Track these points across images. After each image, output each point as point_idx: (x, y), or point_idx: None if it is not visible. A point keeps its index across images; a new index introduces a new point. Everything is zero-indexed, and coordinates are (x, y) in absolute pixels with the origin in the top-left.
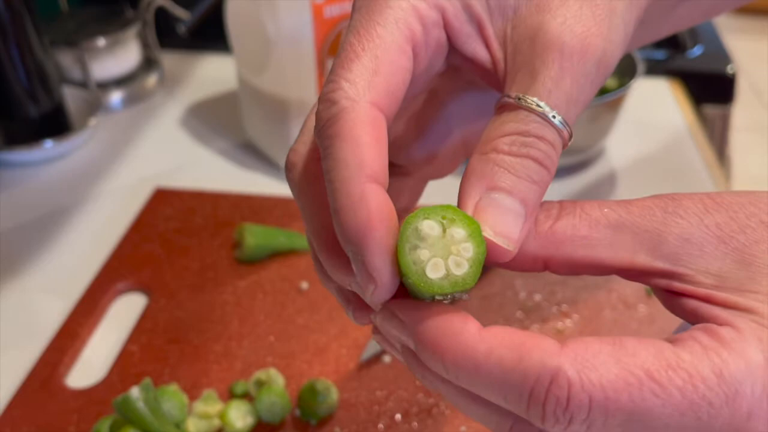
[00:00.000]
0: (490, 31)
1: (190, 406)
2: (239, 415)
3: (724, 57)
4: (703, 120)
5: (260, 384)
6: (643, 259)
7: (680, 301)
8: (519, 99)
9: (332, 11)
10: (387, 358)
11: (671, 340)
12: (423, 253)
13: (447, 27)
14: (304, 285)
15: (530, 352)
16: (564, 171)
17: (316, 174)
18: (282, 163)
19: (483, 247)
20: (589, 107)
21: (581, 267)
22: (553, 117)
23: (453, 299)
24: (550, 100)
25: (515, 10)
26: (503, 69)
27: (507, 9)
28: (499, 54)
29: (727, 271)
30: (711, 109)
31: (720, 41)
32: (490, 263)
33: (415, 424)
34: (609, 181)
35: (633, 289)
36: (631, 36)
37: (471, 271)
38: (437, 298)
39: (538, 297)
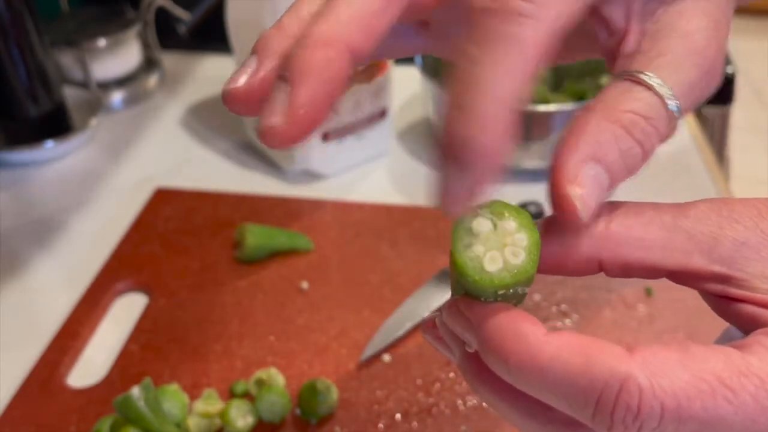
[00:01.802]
0: (636, 7)
1: (191, 406)
2: (240, 414)
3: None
4: (703, 120)
5: (260, 383)
6: (698, 263)
7: (735, 307)
8: (649, 78)
9: None
10: (387, 358)
11: (735, 347)
12: (478, 249)
13: None
14: (305, 285)
15: (598, 358)
16: None
17: None
18: (282, 163)
19: (537, 235)
20: None
21: (634, 269)
22: (673, 105)
23: (516, 295)
24: (675, 84)
25: (652, 7)
26: (632, 44)
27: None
28: (635, 27)
29: None
30: (710, 110)
31: None
32: (543, 269)
33: (415, 423)
34: None
35: (632, 289)
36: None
37: (529, 259)
38: (500, 295)
39: (537, 297)
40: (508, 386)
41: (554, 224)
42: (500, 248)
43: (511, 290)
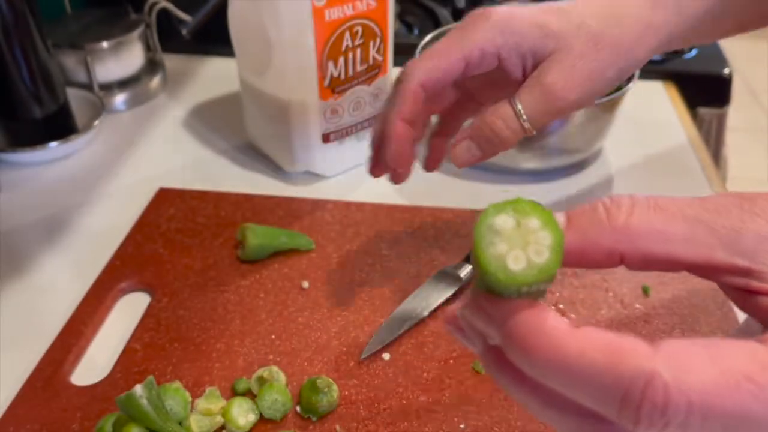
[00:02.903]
0: (526, 63)
1: (193, 404)
2: (241, 412)
3: (720, 59)
4: (700, 121)
5: (262, 381)
6: (721, 256)
7: (756, 300)
8: (514, 101)
9: (333, 14)
10: (386, 356)
11: (759, 341)
12: (501, 248)
13: (500, 57)
14: (305, 284)
15: (623, 355)
16: (562, 171)
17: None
18: (283, 164)
19: (560, 234)
20: (587, 109)
21: (656, 262)
22: (524, 118)
23: (538, 291)
24: (526, 107)
25: (536, 57)
26: (521, 81)
27: (535, 55)
28: (521, 73)
29: None
30: (707, 111)
31: (716, 43)
32: (565, 263)
33: (414, 421)
34: (606, 181)
35: (629, 288)
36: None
37: (552, 257)
38: (522, 292)
39: None
40: (529, 378)
41: (576, 219)
42: (523, 246)
43: (533, 287)
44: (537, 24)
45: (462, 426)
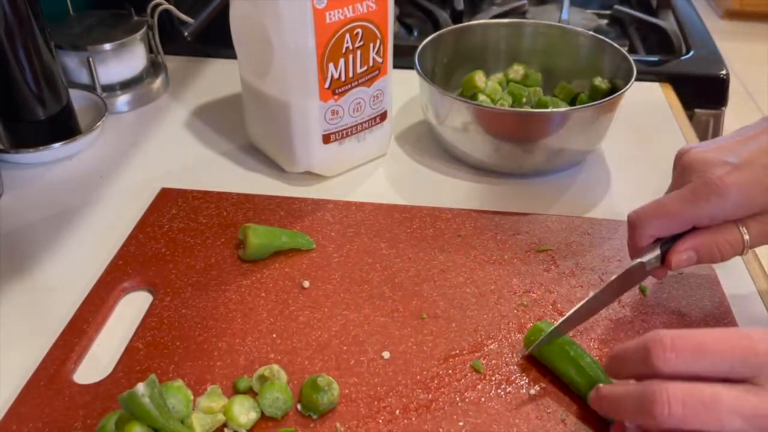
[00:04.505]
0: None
1: (195, 402)
2: (243, 410)
3: (717, 60)
4: (697, 122)
5: (263, 380)
6: None
7: None
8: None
9: (333, 16)
10: (386, 354)
11: None
12: None
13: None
14: (306, 283)
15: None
16: (562, 171)
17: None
18: (284, 164)
19: None
20: (586, 109)
21: None
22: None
23: None
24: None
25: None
26: None
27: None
28: None
29: None
30: (704, 112)
31: (713, 45)
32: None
33: (414, 419)
34: (604, 181)
35: None
36: None
37: None
38: None
39: (534, 295)
40: None
41: None
42: None
43: None
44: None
45: (461, 424)
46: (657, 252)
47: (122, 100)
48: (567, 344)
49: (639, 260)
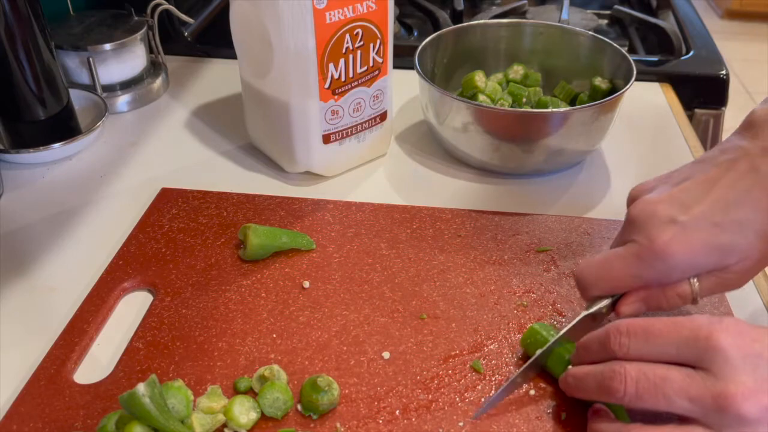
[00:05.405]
0: None
1: (195, 402)
2: (243, 410)
3: (717, 60)
4: (696, 122)
5: (263, 380)
6: None
7: None
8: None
9: (333, 16)
10: (386, 354)
11: None
12: None
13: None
14: (306, 283)
15: None
16: (561, 170)
17: None
18: (284, 164)
19: None
20: (586, 110)
21: None
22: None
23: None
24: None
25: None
26: None
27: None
28: None
29: None
30: (704, 112)
31: (713, 45)
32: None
33: (414, 419)
34: (604, 181)
35: None
36: None
37: None
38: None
39: (533, 295)
40: None
41: None
42: None
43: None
44: (716, 247)
45: (461, 424)
46: (607, 301)
47: (122, 100)
48: (564, 349)
49: (586, 313)
